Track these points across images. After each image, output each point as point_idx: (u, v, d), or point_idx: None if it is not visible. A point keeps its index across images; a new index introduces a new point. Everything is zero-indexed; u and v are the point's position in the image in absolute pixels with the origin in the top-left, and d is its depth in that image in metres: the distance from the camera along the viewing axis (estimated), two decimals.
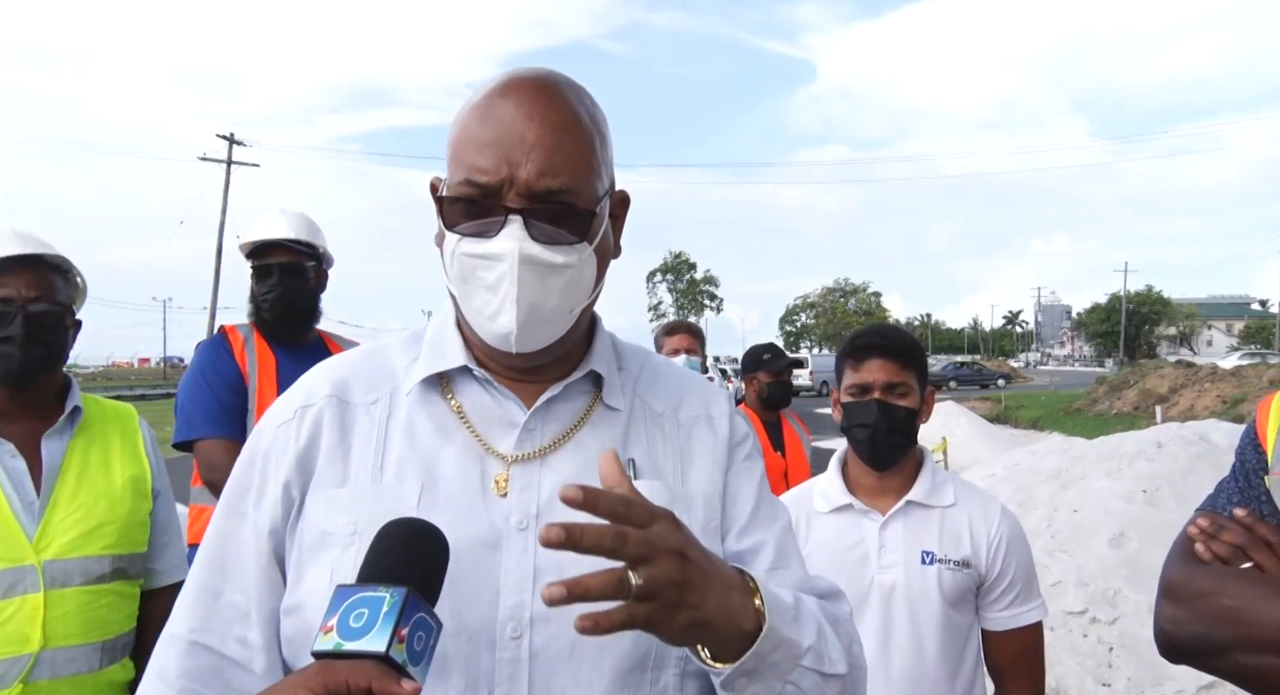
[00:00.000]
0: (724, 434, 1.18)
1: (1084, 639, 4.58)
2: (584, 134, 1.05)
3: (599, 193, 1.07)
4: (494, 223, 1.02)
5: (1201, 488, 4.81)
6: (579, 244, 1.04)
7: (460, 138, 1.05)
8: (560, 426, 1.10)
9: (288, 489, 1.07)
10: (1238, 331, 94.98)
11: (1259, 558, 1.23)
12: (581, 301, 1.08)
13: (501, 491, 1.06)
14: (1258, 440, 1.34)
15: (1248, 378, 23.07)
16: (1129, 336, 78.94)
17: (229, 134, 36.78)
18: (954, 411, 18.60)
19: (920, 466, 2.11)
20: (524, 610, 1.01)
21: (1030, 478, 6.26)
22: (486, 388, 1.11)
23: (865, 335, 2.12)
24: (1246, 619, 1.17)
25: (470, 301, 1.06)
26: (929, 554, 2.01)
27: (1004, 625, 2.05)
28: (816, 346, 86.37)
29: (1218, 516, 1.31)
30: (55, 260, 2.02)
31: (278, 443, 1.09)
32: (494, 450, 1.08)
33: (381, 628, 0.83)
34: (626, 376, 1.18)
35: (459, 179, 1.03)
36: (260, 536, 1.07)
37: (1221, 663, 1.22)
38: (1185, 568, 1.28)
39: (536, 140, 1.01)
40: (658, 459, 1.13)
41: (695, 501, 1.12)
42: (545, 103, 1.03)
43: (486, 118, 1.03)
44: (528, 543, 1.03)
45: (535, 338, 1.05)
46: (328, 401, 1.10)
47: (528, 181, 1.00)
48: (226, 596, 1.06)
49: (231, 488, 1.11)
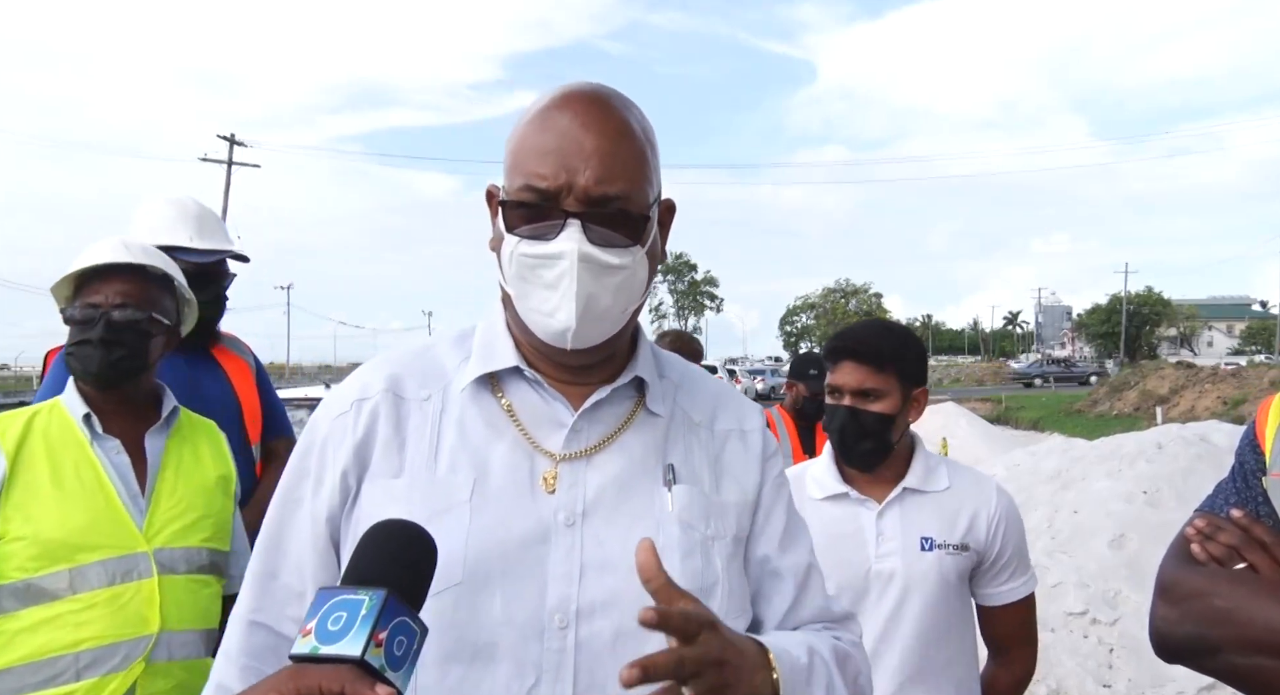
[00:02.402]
0: (756, 448, 1.24)
1: (1084, 640, 4.58)
2: (637, 144, 1.11)
3: (649, 199, 1.13)
4: (553, 226, 1.07)
5: (1202, 488, 4.81)
6: (632, 246, 1.10)
7: (520, 146, 1.10)
8: (605, 429, 1.16)
9: (345, 477, 1.12)
10: (1238, 332, 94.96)
11: (1253, 558, 1.23)
12: (634, 302, 1.14)
13: (550, 488, 1.11)
14: (1256, 441, 1.34)
15: (1248, 379, 23.07)
16: (1129, 337, 78.89)
17: (229, 134, 36.74)
18: (954, 412, 18.62)
19: (912, 455, 2.10)
20: (570, 603, 1.06)
21: (1031, 478, 6.26)
22: (536, 388, 1.16)
23: (841, 336, 2.11)
24: (1237, 619, 1.18)
25: (528, 299, 1.10)
26: (928, 540, 2.00)
27: (1002, 600, 2.07)
28: (817, 348, 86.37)
29: (1214, 517, 1.31)
30: (158, 272, 2.15)
31: (335, 433, 1.14)
32: (542, 448, 1.13)
33: (358, 631, 0.82)
34: (668, 384, 1.23)
35: (519, 184, 1.09)
36: (317, 522, 1.12)
37: (1214, 663, 1.23)
38: (1180, 568, 1.29)
39: (594, 148, 1.07)
40: (694, 466, 1.18)
41: (728, 510, 1.18)
42: (601, 114, 1.10)
43: (545, 127, 1.09)
44: (574, 538, 1.09)
45: (589, 335, 1.10)
46: (383, 396, 1.15)
47: (585, 187, 1.06)
48: (282, 578, 1.13)
49: (289, 475, 1.17)
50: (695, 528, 1.13)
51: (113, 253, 2.10)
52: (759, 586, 1.20)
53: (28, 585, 1.85)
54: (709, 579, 1.12)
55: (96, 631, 1.87)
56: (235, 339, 2.94)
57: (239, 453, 2.74)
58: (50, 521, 1.88)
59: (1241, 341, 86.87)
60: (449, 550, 1.03)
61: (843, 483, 2.08)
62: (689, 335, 4.37)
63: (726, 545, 1.15)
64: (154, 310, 2.11)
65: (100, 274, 2.08)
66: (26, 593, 1.85)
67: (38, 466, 1.93)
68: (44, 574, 1.86)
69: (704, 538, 1.13)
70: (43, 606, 1.86)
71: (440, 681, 1.03)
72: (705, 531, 1.14)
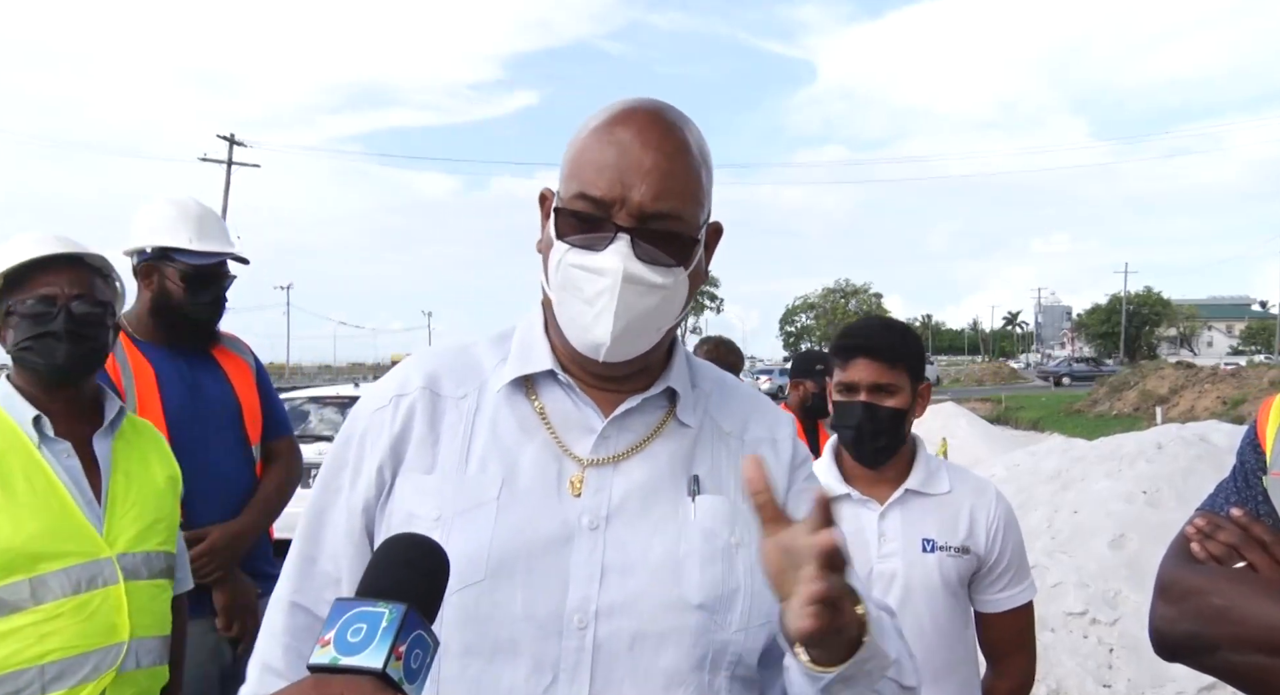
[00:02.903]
0: (786, 457, 1.25)
1: (1084, 640, 4.58)
2: (694, 165, 1.12)
3: (700, 221, 1.14)
4: (603, 237, 1.09)
5: (1201, 488, 4.79)
6: (677, 267, 1.11)
7: (579, 156, 1.12)
8: (634, 437, 1.17)
9: (381, 471, 1.15)
10: (1238, 332, 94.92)
11: (1252, 557, 1.24)
12: (670, 321, 1.15)
13: (576, 491, 1.12)
14: (1257, 441, 1.35)
15: (1248, 379, 23.06)
16: (1129, 337, 78.85)
17: (229, 134, 36.76)
18: (954, 412, 18.62)
19: (914, 457, 2.11)
20: (590, 603, 1.08)
21: (1030, 478, 6.25)
22: (569, 393, 1.18)
23: (853, 333, 2.11)
24: (1234, 618, 1.19)
25: (568, 308, 1.12)
26: (929, 541, 2.01)
27: (1000, 607, 2.07)
28: (817, 348, 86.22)
29: (1214, 516, 1.32)
30: (96, 261, 2.08)
31: (373, 426, 1.17)
32: (571, 452, 1.15)
33: (380, 644, 0.82)
34: (700, 394, 1.24)
35: (574, 193, 1.11)
36: (354, 511, 1.15)
37: (1212, 661, 1.23)
38: (1180, 566, 1.29)
39: (652, 166, 1.08)
40: (721, 476, 1.19)
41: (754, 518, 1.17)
42: (662, 132, 1.11)
43: (606, 140, 1.10)
44: (597, 541, 1.10)
45: (624, 350, 1.12)
46: (421, 393, 1.18)
47: (640, 203, 1.08)
48: (320, 564, 1.16)
49: (329, 466, 1.20)
50: (718, 535, 1.14)
51: (55, 244, 2.02)
52: None
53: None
54: (730, 585, 1.12)
55: (63, 642, 1.79)
56: (235, 339, 2.93)
57: (239, 453, 2.74)
58: (5, 531, 1.78)
59: (1241, 341, 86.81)
60: (474, 547, 1.07)
61: (844, 483, 2.08)
62: (729, 343, 4.32)
63: (752, 552, 1.13)
64: (107, 301, 2.05)
65: (41, 266, 1.99)
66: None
67: None
68: (1, 585, 1.77)
69: (727, 545, 1.14)
70: (1, 619, 1.76)
71: (460, 674, 1.06)
72: (729, 539, 1.14)
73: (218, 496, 2.61)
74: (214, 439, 2.65)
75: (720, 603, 1.11)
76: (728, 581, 1.12)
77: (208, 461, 2.54)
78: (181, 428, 2.52)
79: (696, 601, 1.10)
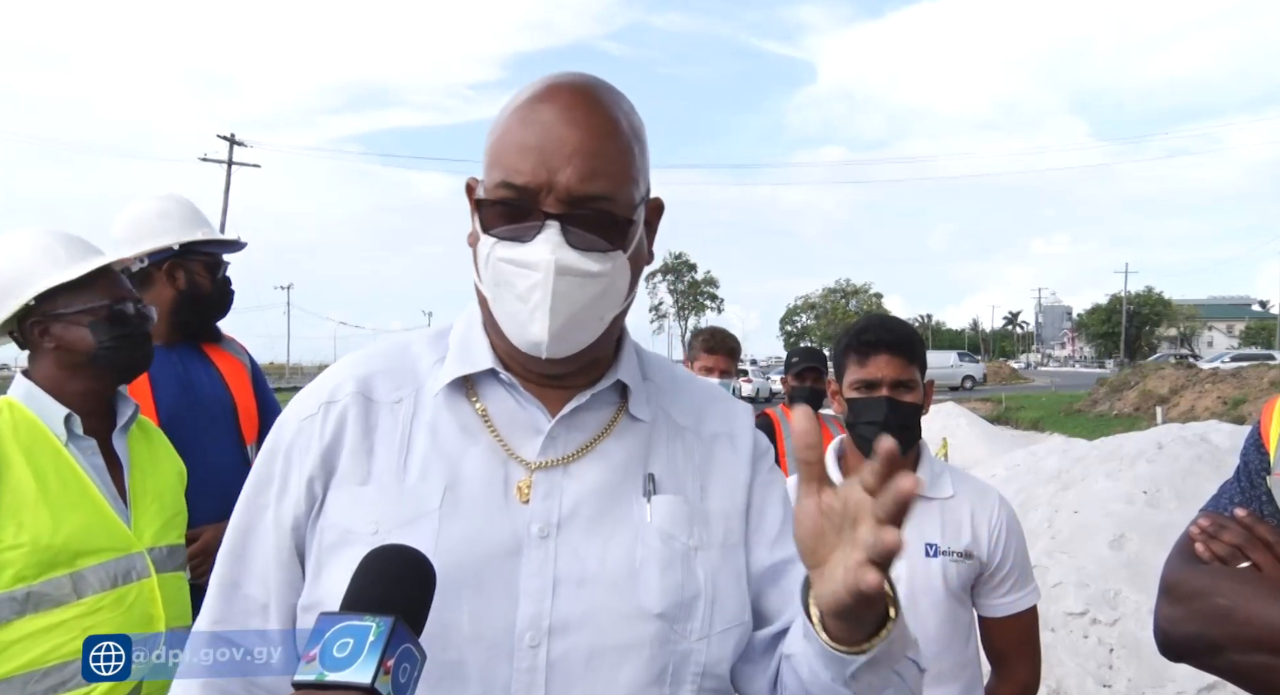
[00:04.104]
0: (745, 451, 1.18)
1: (1084, 640, 4.58)
2: (624, 141, 1.04)
3: (635, 200, 1.06)
4: (531, 227, 1.01)
5: (1202, 489, 4.79)
6: (614, 251, 1.03)
7: (500, 140, 1.04)
8: (585, 436, 1.10)
9: (311, 484, 1.07)
10: (1239, 332, 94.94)
11: (1257, 557, 1.24)
12: (614, 309, 1.08)
13: (524, 498, 1.05)
14: (1261, 441, 1.35)
15: (1248, 379, 23.06)
16: (1129, 337, 78.88)
17: (230, 134, 36.77)
18: (954, 412, 18.60)
19: (919, 459, 2.10)
20: (543, 619, 1.00)
21: (1031, 478, 6.26)
22: (512, 392, 1.10)
23: (872, 329, 2.08)
24: (1239, 618, 1.19)
25: (502, 305, 1.05)
26: (932, 546, 2.00)
27: (1004, 611, 2.06)
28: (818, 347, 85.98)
29: (1219, 516, 1.31)
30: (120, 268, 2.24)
31: (301, 437, 1.09)
32: (517, 456, 1.07)
33: (367, 658, 0.81)
34: (652, 387, 1.17)
35: (497, 181, 1.02)
36: (282, 530, 1.07)
37: (1217, 661, 1.23)
38: (1184, 567, 1.29)
39: (577, 146, 1.00)
40: (678, 473, 1.13)
41: (713, 517, 1.12)
42: (587, 108, 1.03)
43: (527, 121, 1.02)
44: (548, 550, 1.03)
45: (567, 346, 1.04)
46: (353, 398, 1.10)
47: (567, 187, 1.00)
48: (245, 589, 1.08)
49: (253, 481, 1.11)
50: (676, 538, 1.07)
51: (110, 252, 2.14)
52: (760, 588, 1.13)
53: (28, 593, 1.81)
54: (689, 592, 1.05)
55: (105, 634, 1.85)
56: (230, 339, 2.95)
57: (235, 452, 2.74)
58: (45, 528, 1.84)
59: (1241, 341, 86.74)
60: None
61: None
62: (723, 330, 4.29)
63: (712, 555, 1.09)
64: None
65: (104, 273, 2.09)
66: (26, 601, 1.81)
67: (19, 470, 1.86)
68: (44, 580, 1.83)
69: (686, 549, 1.07)
70: (44, 613, 1.82)
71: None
72: (687, 542, 1.08)
73: (212, 496, 2.59)
74: (209, 438, 2.65)
75: (680, 610, 1.04)
76: (687, 587, 1.05)
77: (203, 461, 2.54)
78: (176, 427, 2.52)
79: (656, 610, 1.03)
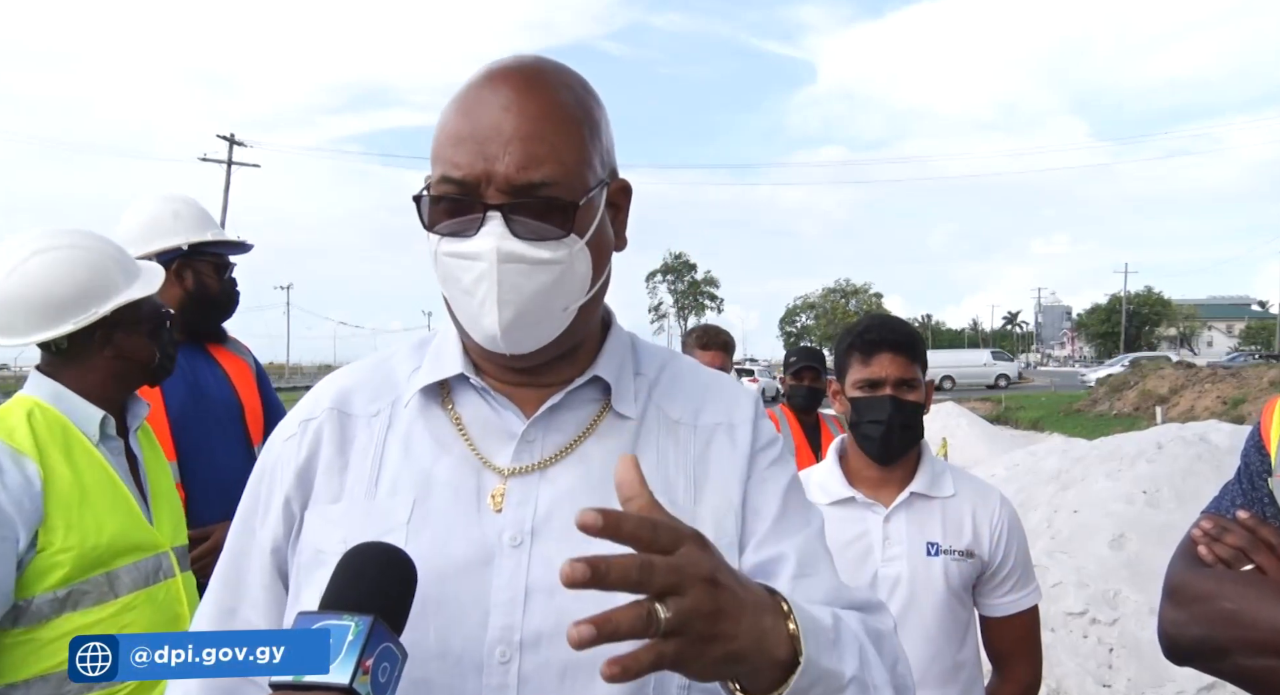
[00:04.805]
0: (744, 442, 1.09)
1: (1084, 640, 4.58)
2: (568, 122, 0.99)
3: (589, 183, 1.00)
4: (473, 221, 0.96)
5: (1201, 489, 4.79)
6: (566, 238, 0.98)
7: (440, 134, 1.00)
8: (563, 437, 1.04)
9: (288, 505, 1.04)
10: (1238, 332, 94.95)
11: (1260, 560, 1.23)
12: (576, 298, 1.01)
13: (497, 506, 1.00)
14: (1262, 443, 1.34)
15: (1248, 379, 23.05)
16: (1129, 337, 78.88)
17: (229, 134, 36.74)
18: (954, 412, 18.60)
19: (920, 458, 2.10)
20: (514, 632, 0.95)
21: (1030, 478, 6.25)
22: (484, 396, 1.06)
23: (875, 328, 2.08)
24: (1244, 622, 1.18)
25: (456, 303, 1.01)
26: (934, 545, 2.00)
27: (1005, 611, 2.06)
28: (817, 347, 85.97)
29: (1221, 519, 1.31)
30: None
31: (282, 458, 1.07)
32: (491, 463, 1.03)
33: (346, 658, 0.79)
34: (642, 381, 1.11)
35: (437, 177, 0.98)
36: (264, 554, 1.04)
37: (1222, 665, 1.22)
38: (1187, 570, 1.29)
39: (514, 132, 0.95)
40: (668, 471, 1.05)
41: (704, 520, 1.03)
42: (524, 92, 0.97)
43: (465, 111, 0.98)
44: (520, 561, 0.98)
45: (526, 339, 1.00)
46: (328, 414, 1.07)
47: (506, 176, 0.95)
48: (241, 614, 1.05)
49: (244, 504, 1.09)
50: None
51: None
52: None
53: (69, 592, 1.82)
54: None
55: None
56: (235, 340, 2.96)
57: (242, 453, 2.74)
58: (90, 529, 1.84)
59: (1241, 341, 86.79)
60: None
61: (849, 487, 2.08)
62: (715, 327, 4.31)
63: None
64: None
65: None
66: (66, 600, 1.82)
67: (61, 472, 1.86)
68: (84, 580, 1.84)
69: None
70: (82, 612, 1.83)
71: None
72: None
73: (220, 496, 2.60)
74: (217, 439, 2.66)
75: None
76: None
77: (210, 461, 2.56)
78: (185, 428, 2.53)
79: None
